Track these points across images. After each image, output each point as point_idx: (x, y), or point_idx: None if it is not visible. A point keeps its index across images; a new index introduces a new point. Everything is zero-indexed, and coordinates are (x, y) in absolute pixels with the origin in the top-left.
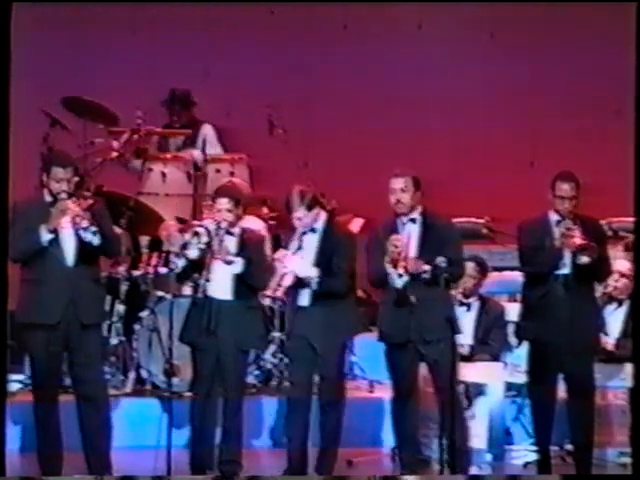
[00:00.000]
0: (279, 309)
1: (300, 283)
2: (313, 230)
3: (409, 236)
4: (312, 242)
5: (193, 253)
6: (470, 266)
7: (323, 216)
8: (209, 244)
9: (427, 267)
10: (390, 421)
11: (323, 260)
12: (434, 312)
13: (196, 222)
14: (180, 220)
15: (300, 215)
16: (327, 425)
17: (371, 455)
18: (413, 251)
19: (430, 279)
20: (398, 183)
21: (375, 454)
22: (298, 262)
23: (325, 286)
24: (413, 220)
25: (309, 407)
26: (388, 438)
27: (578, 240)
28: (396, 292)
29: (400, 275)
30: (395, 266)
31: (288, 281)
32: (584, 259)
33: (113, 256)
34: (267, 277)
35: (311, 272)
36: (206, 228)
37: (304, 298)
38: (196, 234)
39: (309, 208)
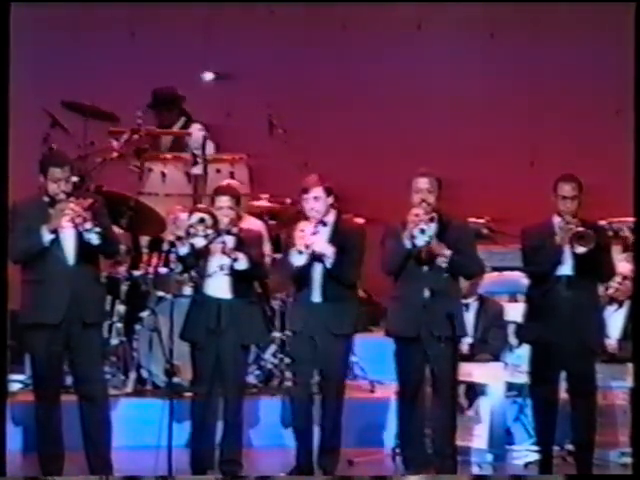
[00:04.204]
0: (279, 309)
1: (316, 258)
2: (324, 223)
3: None
4: (324, 234)
5: (200, 241)
6: None
7: (333, 211)
8: (216, 229)
9: (447, 251)
10: (393, 420)
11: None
12: (446, 309)
13: (203, 207)
14: None
15: (318, 195)
16: (327, 424)
17: (372, 455)
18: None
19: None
20: (424, 183)
21: (376, 454)
22: (316, 237)
23: (337, 270)
24: (432, 218)
25: (312, 405)
26: (389, 438)
27: (574, 229)
28: (418, 252)
29: (423, 231)
30: (414, 228)
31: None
32: (581, 249)
33: (111, 256)
34: (266, 274)
35: (327, 249)
36: (212, 214)
37: (316, 295)
38: (202, 220)
39: (327, 192)
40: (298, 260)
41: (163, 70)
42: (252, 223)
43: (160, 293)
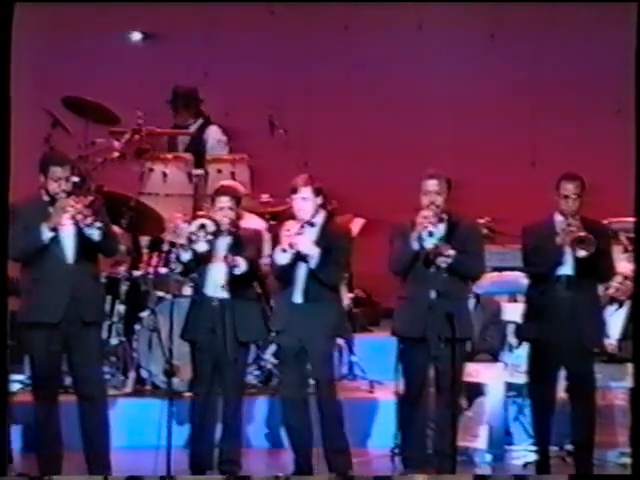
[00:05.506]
0: None
1: (301, 257)
2: (312, 224)
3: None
4: (311, 235)
5: (202, 246)
6: None
7: (323, 212)
8: (216, 235)
9: (452, 252)
10: (392, 421)
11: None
12: (451, 310)
13: (203, 213)
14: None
15: (306, 195)
16: (326, 425)
17: (371, 455)
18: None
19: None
20: (433, 185)
21: (375, 454)
22: (302, 238)
23: (321, 270)
24: (441, 219)
25: (307, 406)
26: (388, 438)
27: (576, 232)
28: (426, 254)
29: (431, 233)
30: (423, 230)
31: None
32: (582, 252)
33: (110, 254)
34: (265, 274)
35: (312, 250)
36: (213, 220)
37: (298, 295)
38: (203, 226)
39: (316, 193)
40: (281, 259)
41: (164, 70)
42: (253, 222)
43: (160, 293)
